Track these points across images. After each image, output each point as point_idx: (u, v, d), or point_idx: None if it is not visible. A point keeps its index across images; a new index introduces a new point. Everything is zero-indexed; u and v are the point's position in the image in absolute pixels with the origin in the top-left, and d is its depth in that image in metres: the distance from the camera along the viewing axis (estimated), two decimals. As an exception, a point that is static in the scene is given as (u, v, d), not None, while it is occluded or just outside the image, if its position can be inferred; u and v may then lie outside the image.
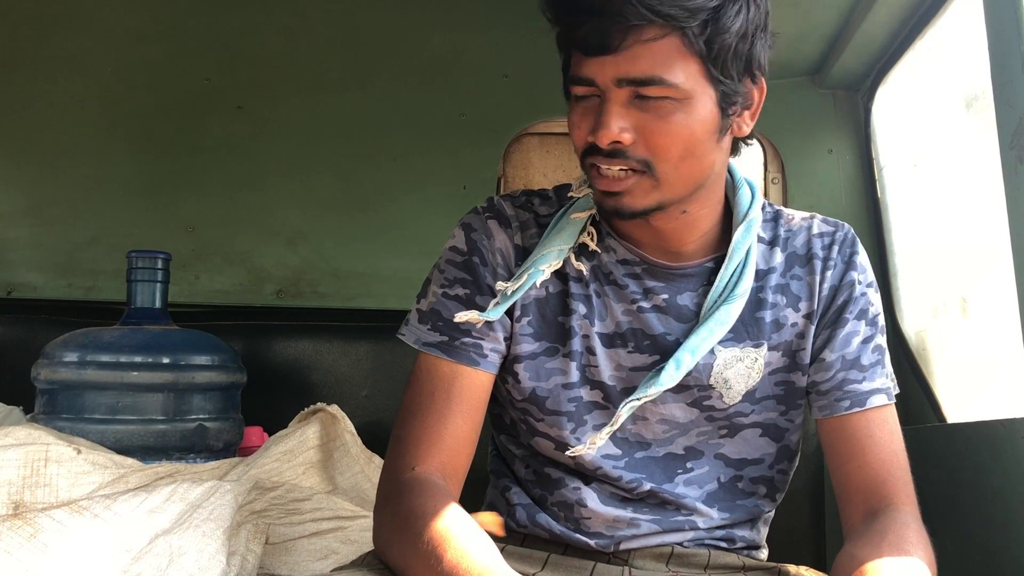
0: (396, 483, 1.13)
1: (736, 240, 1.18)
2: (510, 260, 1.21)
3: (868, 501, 1.16)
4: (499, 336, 1.19)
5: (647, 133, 1.06)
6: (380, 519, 1.13)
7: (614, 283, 1.20)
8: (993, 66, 1.36)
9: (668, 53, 1.03)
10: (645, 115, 1.06)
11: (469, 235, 1.22)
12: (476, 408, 1.19)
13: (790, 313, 1.22)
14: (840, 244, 1.23)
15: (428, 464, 1.14)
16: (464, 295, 1.20)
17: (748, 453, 1.24)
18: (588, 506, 1.20)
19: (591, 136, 1.07)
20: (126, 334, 1.94)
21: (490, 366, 1.19)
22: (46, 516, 1.25)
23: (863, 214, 2.30)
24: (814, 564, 1.36)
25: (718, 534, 1.23)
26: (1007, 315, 1.43)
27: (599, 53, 1.04)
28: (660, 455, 1.22)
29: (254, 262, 2.60)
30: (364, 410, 2.36)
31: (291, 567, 1.48)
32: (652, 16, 1.00)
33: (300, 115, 2.60)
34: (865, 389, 1.19)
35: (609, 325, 1.20)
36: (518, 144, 2.65)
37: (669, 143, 1.07)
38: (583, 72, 1.06)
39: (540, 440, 1.22)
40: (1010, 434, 1.43)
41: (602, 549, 1.21)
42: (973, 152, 1.82)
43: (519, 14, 2.61)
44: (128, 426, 1.87)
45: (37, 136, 2.62)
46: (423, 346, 1.19)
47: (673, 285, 1.20)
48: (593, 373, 1.20)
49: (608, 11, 1.01)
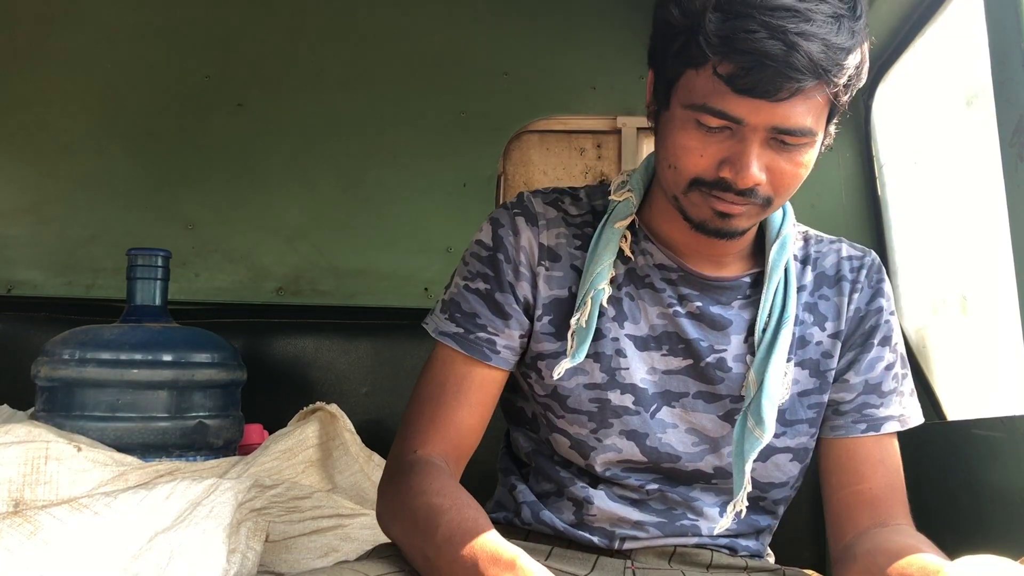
0: (399, 463, 1.17)
1: (773, 258, 1.20)
2: (533, 258, 1.22)
3: (874, 517, 1.19)
4: (515, 334, 1.21)
5: (777, 174, 1.07)
6: (383, 498, 1.18)
7: (650, 286, 1.21)
8: (993, 63, 1.36)
9: (816, 105, 1.04)
10: (778, 156, 1.06)
11: (496, 230, 1.24)
12: (484, 402, 1.21)
13: (816, 331, 1.24)
14: (868, 269, 1.26)
15: (431, 448, 1.17)
16: (484, 290, 1.21)
17: (776, 477, 1.24)
18: (595, 504, 1.20)
19: (725, 173, 1.06)
20: (126, 332, 1.94)
21: (502, 362, 1.21)
22: (46, 514, 1.25)
23: (863, 211, 2.30)
24: (814, 565, 1.37)
25: (722, 542, 1.24)
26: (1007, 313, 1.43)
27: (760, 97, 1.01)
28: (688, 470, 1.21)
29: (254, 260, 2.59)
30: (364, 408, 2.36)
31: (291, 565, 1.48)
32: (823, 74, 1.00)
33: (300, 113, 2.60)
34: (882, 415, 1.23)
35: (643, 328, 1.20)
36: (518, 142, 2.65)
37: (793, 183, 1.10)
38: (732, 110, 1.03)
39: (557, 436, 1.22)
40: (1010, 431, 1.43)
41: (605, 546, 1.21)
42: (973, 149, 1.82)
43: (519, 12, 2.62)
44: (128, 424, 1.87)
45: (37, 133, 2.62)
46: (439, 335, 1.22)
47: (708, 295, 1.21)
48: (624, 376, 1.19)
49: (784, 61, 0.98)
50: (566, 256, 1.22)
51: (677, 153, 1.08)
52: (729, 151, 1.06)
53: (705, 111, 1.04)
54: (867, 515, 1.19)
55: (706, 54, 1.02)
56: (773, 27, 0.98)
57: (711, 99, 1.03)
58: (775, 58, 0.98)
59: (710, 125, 1.05)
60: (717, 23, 1.00)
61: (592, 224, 1.24)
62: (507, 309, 1.21)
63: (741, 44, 0.99)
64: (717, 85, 1.02)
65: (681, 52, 1.05)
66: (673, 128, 1.09)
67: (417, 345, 2.41)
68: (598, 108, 2.62)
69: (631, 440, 1.19)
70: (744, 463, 1.15)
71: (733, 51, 1.00)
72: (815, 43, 0.99)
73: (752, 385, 1.17)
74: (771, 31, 0.98)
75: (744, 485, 1.16)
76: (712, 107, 1.04)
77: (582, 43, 2.60)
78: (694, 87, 1.05)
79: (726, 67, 1.01)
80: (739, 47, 0.99)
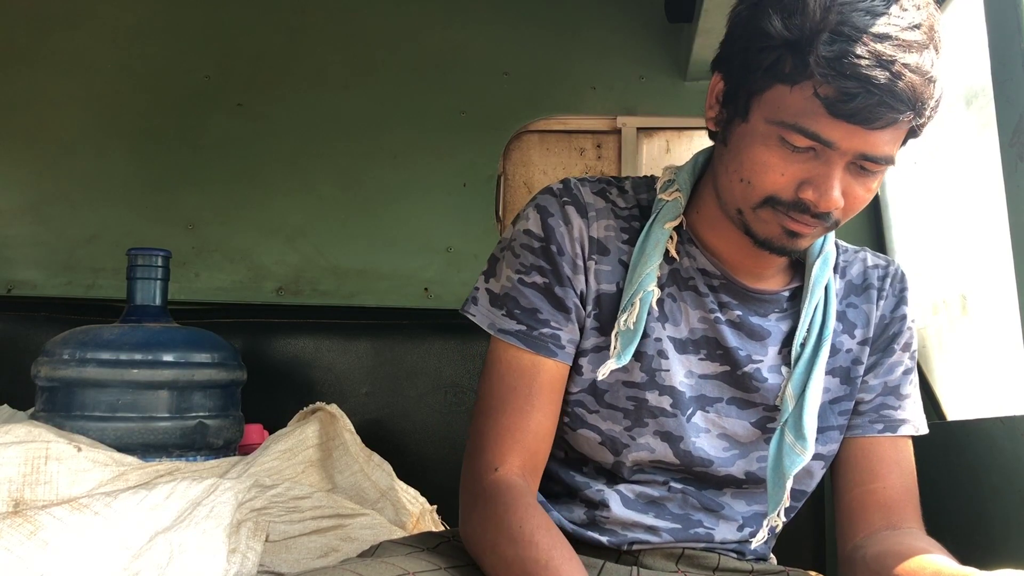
0: (481, 484, 1.13)
1: (816, 274, 1.19)
2: (585, 251, 1.18)
3: (887, 519, 1.19)
4: (575, 327, 1.18)
5: (851, 199, 1.07)
6: (468, 528, 1.13)
7: (693, 289, 1.19)
8: (993, 63, 1.36)
9: (900, 135, 1.04)
10: (854, 182, 1.06)
11: (546, 220, 1.18)
12: (555, 402, 1.17)
13: (846, 339, 1.24)
14: (892, 278, 1.27)
15: (511, 464, 1.13)
16: (543, 284, 1.17)
17: (808, 485, 1.24)
18: (610, 508, 1.19)
19: (806, 195, 1.05)
20: (126, 332, 1.94)
21: (567, 357, 1.17)
22: (46, 514, 1.25)
23: (863, 211, 2.29)
24: (814, 565, 1.37)
25: (730, 545, 1.23)
26: (1007, 312, 1.43)
27: (858, 124, 1.00)
28: (720, 475, 1.20)
29: (254, 259, 2.60)
30: (364, 408, 2.36)
31: (291, 565, 1.48)
32: (919, 107, 1.00)
33: (300, 113, 2.60)
34: (899, 417, 1.24)
35: (683, 331, 1.19)
36: (518, 141, 2.65)
37: (861, 207, 1.10)
38: (825, 133, 1.01)
39: (586, 432, 1.19)
40: (1009, 431, 1.43)
41: (614, 547, 1.21)
42: (973, 149, 1.82)
43: (519, 11, 2.62)
44: (128, 424, 1.87)
45: (37, 133, 2.62)
46: (499, 332, 1.17)
47: (747, 306, 1.20)
48: (664, 378, 1.18)
49: (889, 91, 0.97)
50: (615, 250, 1.19)
51: (755, 168, 1.06)
52: (811, 173, 1.04)
53: (796, 130, 1.02)
54: (879, 516, 1.19)
55: (810, 73, 0.99)
56: (881, 55, 0.97)
57: (803, 119, 1.01)
58: (880, 87, 0.97)
59: (796, 144, 1.03)
60: (828, 44, 0.98)
61: (639, 218, 1.21)
62: (567, 303, 1.17)
63: (850, 69, 0.97)
64: (813, 106, 1.00)
65: (775, 65, 1.02)
66: (752, 142, 1.06)
67: (417, 345, 2.41)
68: (598, 108, 2.62)
69: (665, 442, 1.18)
70: (784, 480, 1.14)
71: (840, 75, 0.97)
72: (917, 75, 0.99)
73: (790, 400, 1.16)
74: (878, 59, 0.97)
75: (783, 501, 1.15)
76: (804, 127, 1.01)
77: (582, 43, 2.60)
78: (785, 104, 1.02)
79: (827, 89, 0.99)
80: (847, 72, 0.97)
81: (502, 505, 1.09)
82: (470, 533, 1.13)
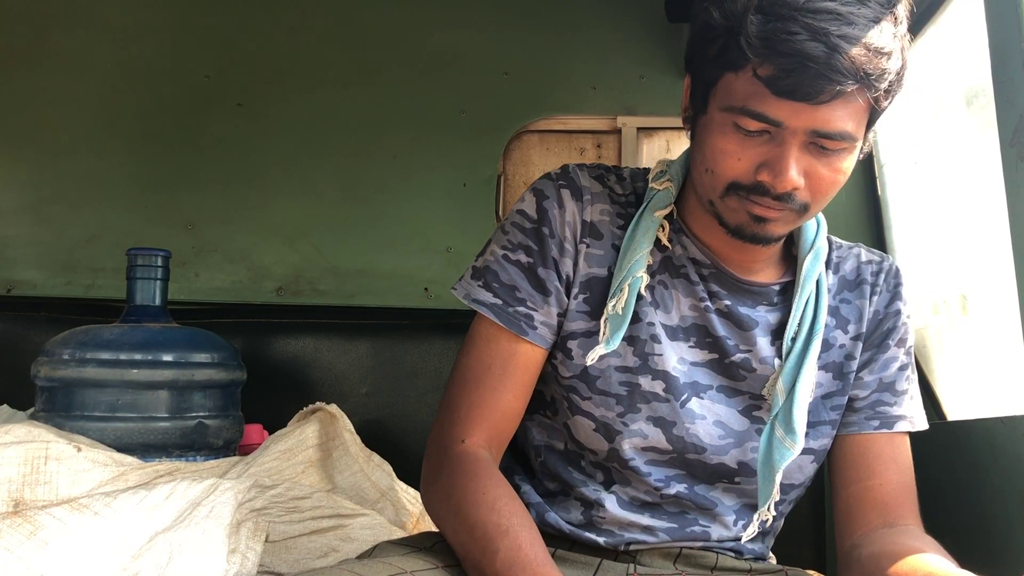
0: (446, 453, 1.16)
1: (807, 268, 1.20)
2: (576, 234, 1.19)
3: (884, 517, 1.19)
4: (553, 311, 1.18)
5: (815, 180, 1.07)
6: (432, 493, 1.16)
7: (684, 277, 1.20)
8: (994, 63, 1.36)
9: (857, 110, 1.03)
10: (816, 162, 1.06)
11: (540, 202, 1.20)
12: (527, 384, 1.20)
13: (839, 335, 1.24)
14: (887, 273, 1.27)
15: (477, 437, 1.16)
16: (527, 263, 1.19)
17: (797, 479, 1.24)
18: (606, 507, 1.19)
19: (763, 177, 1.05)
20: (126, 332, 1.94)
21: (540, 340, 1.18)
22: (46, 514, 1.25)
23: (863, 211, 2.30)
24: (814, 565, 1.37)
25: (728, 544, 1.23)
26: (1007, 312, 1.43)
27: (800, 100, 1.00)
28: (712, 463, 1.21)
29: (254, 259, 2.60)
30: (364, 408, 2.36)
31: (291, 565, 1.48)
32: (864, 78, 0.99)
33: (300, 112, 2.61)
34: (895, 413, 1.24)
35: (673, 318, 1.20)
36: (518, 141, 2.65)
37: (831, 189, 1.09)
38: (772, 112, 1.02)
39: (581, 419, 1.20)
40: (1010, 431, 1.43)
41: (611, 547, 1.21)
42: (973, 149, 1.82)
43: (519, 11, 2.62)
44: (128, 424, 1.87)
45: (36, 133, 2.62)
46: (473, 302, 1.19)
47: (736, 296, 1.20)
48: (657, 362, 1.18)
49: (826, 64, 0.97)
50: (608, 235, 1.20)
51: (715, 157, 1.07)
52: (767, 155, 1.05)
53: (744, 114, 1.03)
54: (876, 513, 1.19)
55: (746, 56, 1.00)
56: (815, 29, 0.97)
57: (750, 102, 1.02)
58: (816, 60, 0.97)
59: (749, 128, 1.04)
60: (758, 25, 0.99)
61: (634, 205, 1.22)
62: (548, 285, 1.18)
63: (782, 46, 0.98)
64: (757, 87, 1.01)
65: (720, 55, 1.04)
66: (711, 132, 1.07)
67: (417, 345, 2.41)
68: (598, 108, 2.62)
69: (658, 427, 1.18)
70: (774, 473, 1.15)
71: (774, 53, 0.98)
72: (857, 46, 0.98)
73: (780, 394, 1.16)
74: (813, 33, 0.97)
75: (772, 495, 1.16)
76: (751, 109, 1.02)
77: (582, 43, 2.61)
78: (733, 90, 1.04)
79: (766, 69, 1.00)
80: (780, 48, 0.98)
81: (468, 474, 1.12)
82: (434, 497, 1.16)
